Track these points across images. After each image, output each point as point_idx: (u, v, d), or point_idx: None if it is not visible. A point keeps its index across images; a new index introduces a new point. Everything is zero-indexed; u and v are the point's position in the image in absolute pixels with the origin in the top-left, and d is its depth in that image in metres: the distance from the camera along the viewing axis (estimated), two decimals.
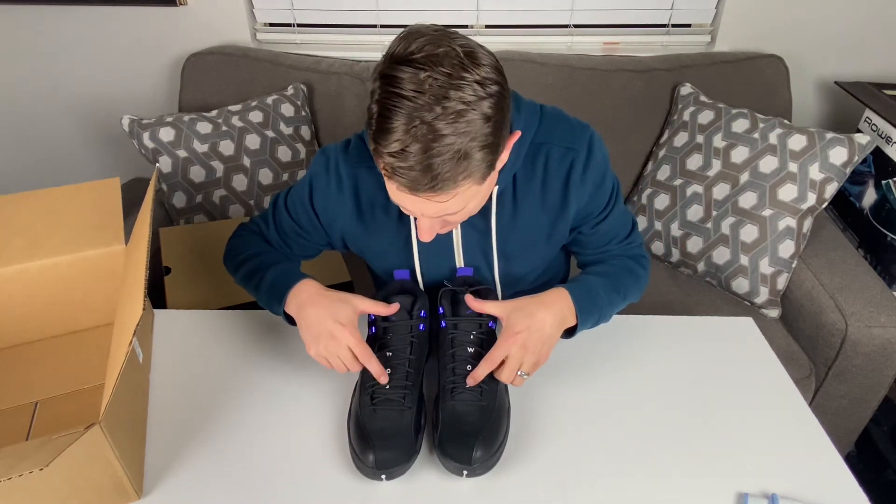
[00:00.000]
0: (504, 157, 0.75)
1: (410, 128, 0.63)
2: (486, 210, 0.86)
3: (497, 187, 0.84)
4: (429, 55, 0.63)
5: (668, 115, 1.61)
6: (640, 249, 0.96)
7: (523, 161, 0.84)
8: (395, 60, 0.64)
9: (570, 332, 0.85)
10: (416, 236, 0.88)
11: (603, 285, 0.87)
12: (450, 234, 0.89)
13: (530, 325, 0.77)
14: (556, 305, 0.81)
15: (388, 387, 0.76)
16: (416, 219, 0.83)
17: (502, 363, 0.77)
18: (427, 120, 0.62)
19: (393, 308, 0.81)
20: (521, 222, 0.88)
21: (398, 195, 0.71)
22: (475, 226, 0.88)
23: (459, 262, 0.92)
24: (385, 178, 0.70)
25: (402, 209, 0.75)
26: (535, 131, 0.84)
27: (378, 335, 0.81)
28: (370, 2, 1.71)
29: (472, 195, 0.72)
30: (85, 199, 0.99)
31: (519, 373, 0.77)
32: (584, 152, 0.84)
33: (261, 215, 0.99)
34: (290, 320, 0.86)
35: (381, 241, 0.91)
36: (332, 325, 0.78)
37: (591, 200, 0.88)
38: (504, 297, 0.87)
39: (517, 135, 0.75)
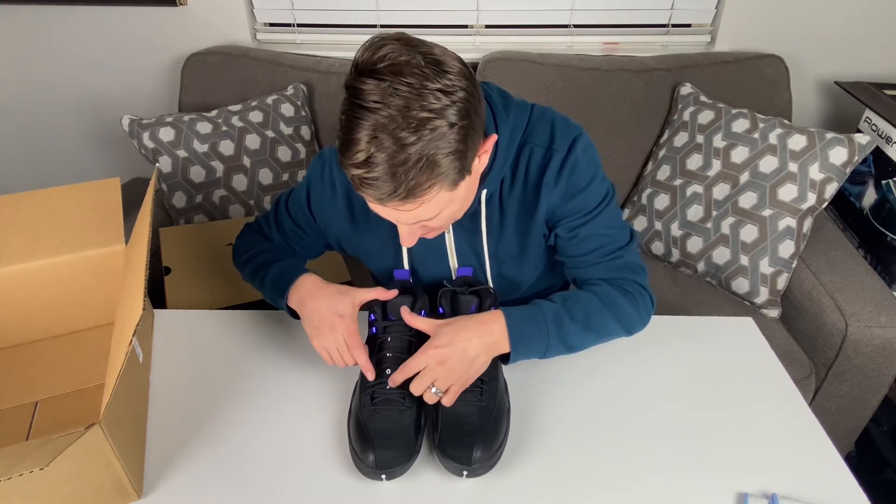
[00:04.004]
0: (483, 161, 0.75)
1: (373, 139, 0.62)
2: (476, 213, 0.86)
3: (486, 191, 0.83)
4: (391, 65, 0.62)
5: (668, 115, 1.61)
6: (629, 272, 0.87)
7: (511, 163, 0.83)
8: (359, 72, 0.64)
9: (507, 358, 0.80)
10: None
11: (557, 314, 0.80)
12: (442, 237, 0.89)
13: (453, 341, 0.75)
14: (488, 327, 0.77)
15: (387, 386, 0.76)
16: None
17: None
18: (390, 130, 0.62)
19: (392, 293, 0.82)
20: (507, 225, 0.87)
21: (370, 204, 0.71)
22: (466, 229, 0.88)
23: (453, 264, 0.92)
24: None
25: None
26: (523, 132, 0.83)
27: (378, 335, 0.81)
28: (370, 2, 1.71)
29: (445, 201, 0.71)
30: (85, 199, 0.99)
31: (433, 390, 0.74)
32: (562, 152, 0.81)
33: (264, 215, 1.02)
34: (294, 315, 0.88)
35: (373, 244, 0.92)
36: (330, 315, 0.80)
37: (569, 202, 0.83)
38: (501, 304, 0.86)
39: (493, 138, 0.74)
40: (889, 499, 1.40)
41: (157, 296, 1.23)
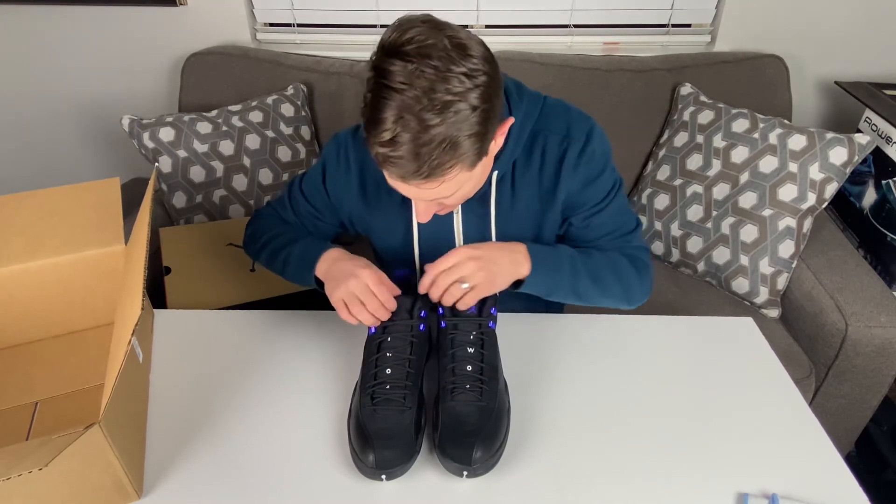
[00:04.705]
0: (499, 142, 0.78)
1: (399, 119, 0.65)
2: (486, 195, 0.89)
3: (496, 172, 0.86)
4: (418, 47, 0.65)
5: (668, 115, 1.61)
6: (637, 252, 0.93)
7: (523, 148, 0.87)
8: (386, 52, 0.66)
9: (520, 285, 0.85)
10: (416, 222, 0.92)
11: (572, 257, 0.86)
12: (451, 218, 0.91)
13: (482, 247, 0.80)
14: (512, 247, 0.83)
15: (387, 386, 0.76)
16: None
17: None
18: (415, 111, 0.64)
19: (397, 291, 0.83)
20: (518, 209, 0.90)
21: (392, 181, 0.74)
22: (476, 211, 0.90)
23: (459, 244, 0.94)
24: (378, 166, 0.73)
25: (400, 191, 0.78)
26: (536, 120, 0.86)
27: (377, 335, 0.81)
28: (370, 2, 1.71)
29: (463, 180, 0.74)
30: (85, 199, 0.99)
31: (463, 285, 0.77)
32: (580, 141, 0.85)
33: (277, 200, 1.05)
34: (321, 286, 0.89)
35: (383, 222, 0.95)
36: (352, 268, 0.83)
37: (585, 190, 0.88)
38: (503, 296, 0.88)
39: (510, 121, 0.77)
40: (889, 499, 1.40)
41: (157, 296, 1.23)
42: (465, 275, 0.77)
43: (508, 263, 0.81)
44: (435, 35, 0.66)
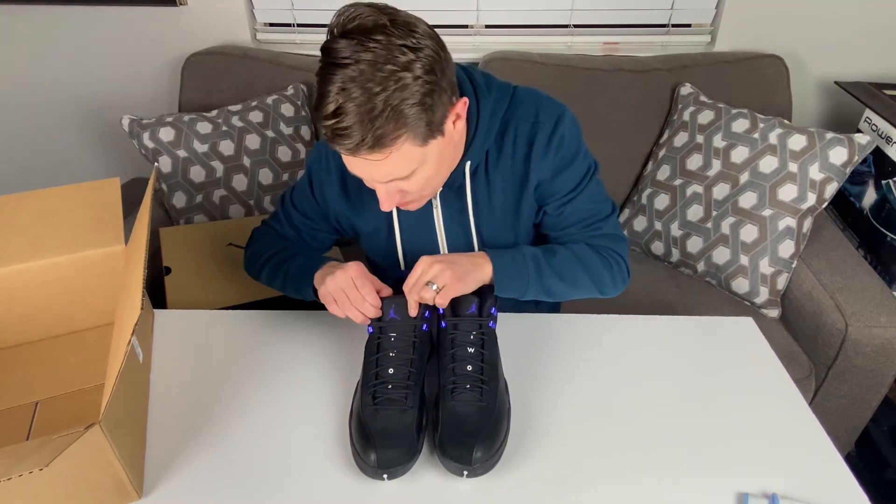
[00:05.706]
0: (459, 128, 0.79)
1: (342, 90, 0.67)
2: (462, 188, 0.89)
3: (469, 163, 0.86)
4: (361, 25, 0.68)
5: (668, 115, 1.61)
6: (607, 241, 0.92)
7: (494, 138, 0.87)
8: (333, 35, 0.69)
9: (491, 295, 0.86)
10: (398, 219, 0.93)
11: (535, 257, 0.87)
12: (430, 214, 0.92)
13: (444, 255, 0.83)
14: (472, 253, 0.85)
15: (389, 386, 0.76)
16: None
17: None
18: (359, 81, 0.66)
19: (385, 289, 0.85)
20: (495, 200, 0.91)
21: (348, 162, 0.76)
22: (453, 204, 0.91)
23: (441, 239, 0.94)
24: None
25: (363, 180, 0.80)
26: (506, 109, 0.87)
27: (376, 335, 0.81)
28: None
29: (416, 158, 0.74)
30: (85, 199, 0.99)
31: (433, 286, 0.78)
32: (549, 126, 0.86)
33: (272, 217, 1.06)
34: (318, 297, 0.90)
35: (367, 221, 0.96)
36: (342, 266, 0.84)
37: (557, 178, 0.88)
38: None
39: (464, 101, 0.78)
40: (889, 499, 1.40)
41: (157, 296, 1.23)
42: (433, 276, 0.78)
43: (471, 265, 0.82)
44: (378, 15, 0.68)
